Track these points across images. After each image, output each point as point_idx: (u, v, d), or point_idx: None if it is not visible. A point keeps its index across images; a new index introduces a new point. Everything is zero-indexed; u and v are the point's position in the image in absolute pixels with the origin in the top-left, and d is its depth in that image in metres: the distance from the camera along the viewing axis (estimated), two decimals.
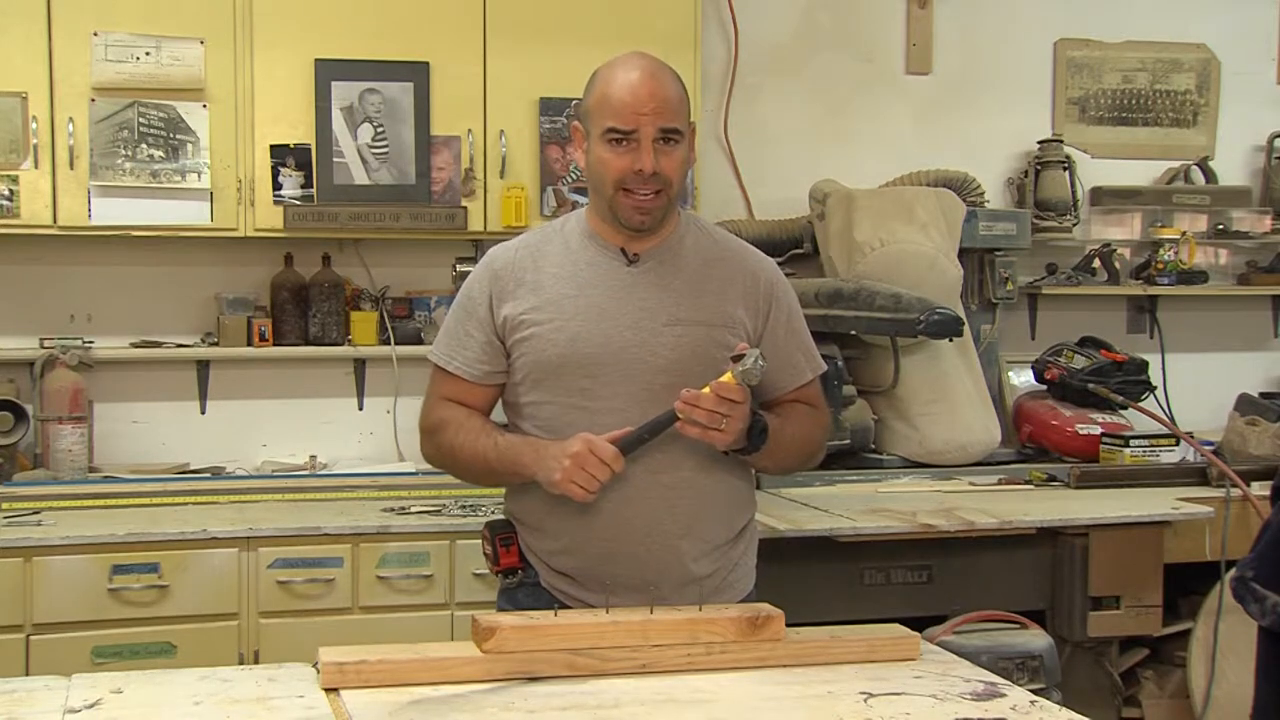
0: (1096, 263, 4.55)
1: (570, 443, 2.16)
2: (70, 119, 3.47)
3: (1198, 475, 3.84)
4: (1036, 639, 3.16)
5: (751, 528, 2.42)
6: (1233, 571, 2.74)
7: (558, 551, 2.30)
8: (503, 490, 2.43)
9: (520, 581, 2.34)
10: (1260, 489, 3.64)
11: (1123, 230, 4.71)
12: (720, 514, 2.32)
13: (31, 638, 3.05)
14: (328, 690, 1.86)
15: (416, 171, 3.70)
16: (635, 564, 2.23)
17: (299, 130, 3.64)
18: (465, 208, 3.74)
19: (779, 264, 2.48)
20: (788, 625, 2.06)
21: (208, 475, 3.77)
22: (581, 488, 2.15)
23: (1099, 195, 4.63)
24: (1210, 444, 3.99)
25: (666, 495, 2.25)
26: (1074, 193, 4.52)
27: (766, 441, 2.22)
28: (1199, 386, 4.61)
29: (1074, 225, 4.53)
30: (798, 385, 2.38)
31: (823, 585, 3.26)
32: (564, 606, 2.22)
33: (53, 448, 3.60)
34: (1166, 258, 4.56)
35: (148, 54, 3.52)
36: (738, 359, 2.13)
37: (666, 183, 2.23)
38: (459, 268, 3.97)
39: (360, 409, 4.02)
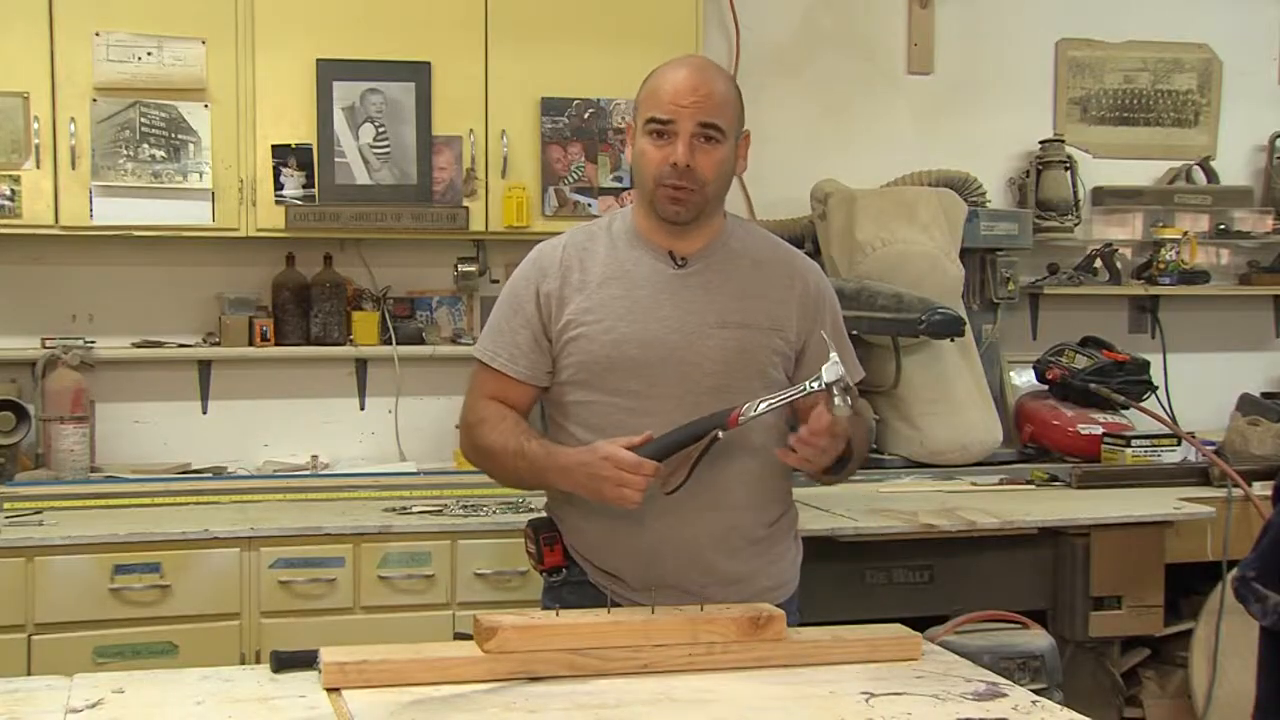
0: (1098, 263, 4.55)
1: (589, 460, 2.14)
2: (72, 119, 3.47)
3: (1199, 475, 3.84)
4: (1038, 639, 3.15)
5: (790, 522, 2.43)
6: (1234, 571, 2.74)
7: (602, 551, 2.30)
8: (502, 490, 2.43)
9: (565, 580, 2.33)
10: (1262, 489, 3.64)
11: (1124, 230, 4.71)
12: (762, 512, 2.33)
13: (33, 637, 3.04)
14: (329, 690, 1.86)
15: (418, 171, 3.70)
16: (680, 566, 2.23)
17: (300, 130, 3.64)
18: (467, 208, 3.73)
19: None
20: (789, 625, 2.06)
21: (209, 475, 3.77)
22: (628, 500, 2.12)
23: (1100, 195, 4.62)
24: (1212, 444, 3.99)
25: (711, 499, 2.24)
26: (1075, 193, 4.51)
27: (843, 471, 2.24)
28: (1200, 386, 4.60)
29: (1075, 225, 4.52)
30: None
31: (824, 585, 3.25)
32: (614, 604, 2.14)
33: (54, 448, 3.60)
34: (1168, 258, 4.56)
35: (149, 54, 3.52)
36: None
37: (701, 181, 2.20)
38: (460, 268, 3.98)
39: (362, 409, 4.02)
